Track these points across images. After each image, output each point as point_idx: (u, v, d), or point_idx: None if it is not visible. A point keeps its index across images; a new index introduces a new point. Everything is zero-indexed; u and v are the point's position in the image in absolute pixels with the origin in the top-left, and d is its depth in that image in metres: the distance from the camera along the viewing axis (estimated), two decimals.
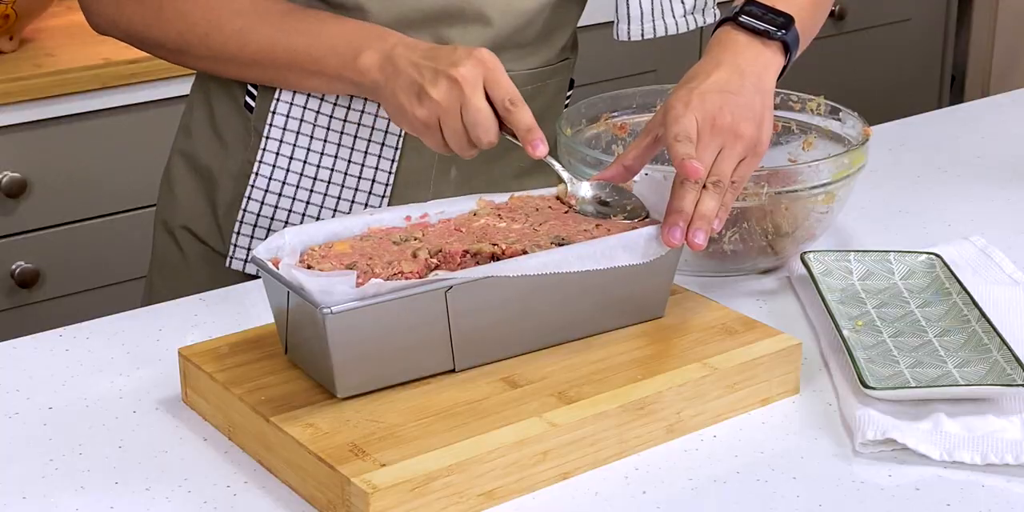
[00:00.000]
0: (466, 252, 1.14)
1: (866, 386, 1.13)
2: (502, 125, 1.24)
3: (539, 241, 1.16)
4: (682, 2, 1.42)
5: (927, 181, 1.65)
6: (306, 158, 1.41)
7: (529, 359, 1.15)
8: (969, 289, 1.30)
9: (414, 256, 1.13)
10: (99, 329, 1.30)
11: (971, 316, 1.24)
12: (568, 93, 1.54)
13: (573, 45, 1.51)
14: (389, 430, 1.05)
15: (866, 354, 1.20)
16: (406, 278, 1.10)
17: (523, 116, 1.23)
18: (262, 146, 1.41)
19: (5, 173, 2.16)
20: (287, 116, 1.40)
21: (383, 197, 1.41)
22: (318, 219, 1.42)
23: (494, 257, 1.14)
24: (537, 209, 1.23)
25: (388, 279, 1.09)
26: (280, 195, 1.42)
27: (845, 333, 1.21)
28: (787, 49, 1.32)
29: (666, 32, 1.43)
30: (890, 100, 3.19)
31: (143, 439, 1.12)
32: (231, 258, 1.46)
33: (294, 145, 1.41)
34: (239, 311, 1.34)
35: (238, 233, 1.45)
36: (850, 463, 1.10)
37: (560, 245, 1.15)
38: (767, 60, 1.31)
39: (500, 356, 1.15)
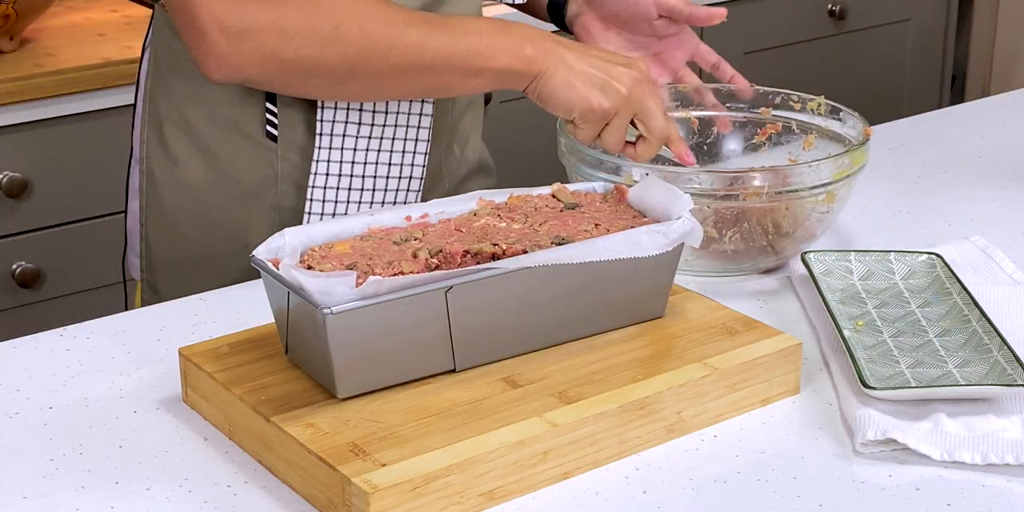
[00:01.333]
0: (466, 252, 1.14)
1: (867, 386, 1.13)
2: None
3: (539, 241, 1.16)
4: None
5: (927, 181, 1.65)
6: (356, 145, 1.41)
7: (529, 359, 1.15)
8: (970, 289, 1.30)
9: (414, 256, 1.13)
10: (99, 329, 1.30)
11: (972, 316, 1.24)
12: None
13: None
14: (389, 430, 1.05)
15: (866, 354, 1.20)
16: None
17: (675, 128, 1.36)
18: (317, 145, 1.40)
19: (5, 173, 2.16)
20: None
21: (418, 192, 1.45)
22: None
23: (494, 257, 1.14)
24: (536, 209, 1.23)
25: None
26: (337, 188, 1.42)
27: (845, 333, 1.21)
28: None
29: None
30: (890, 100, 3.19)
31: (143, 439, 1.12)
32: None
33: (344, 134, 1.41)
34: (239, 311, 1.34)
35: None
36: (850, 463, 1.10)
37: (560, 245, 1.15)
38: None
39: (500, 356, 1.15)
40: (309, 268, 1.10)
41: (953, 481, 1.07)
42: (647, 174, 1.30)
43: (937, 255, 1.35)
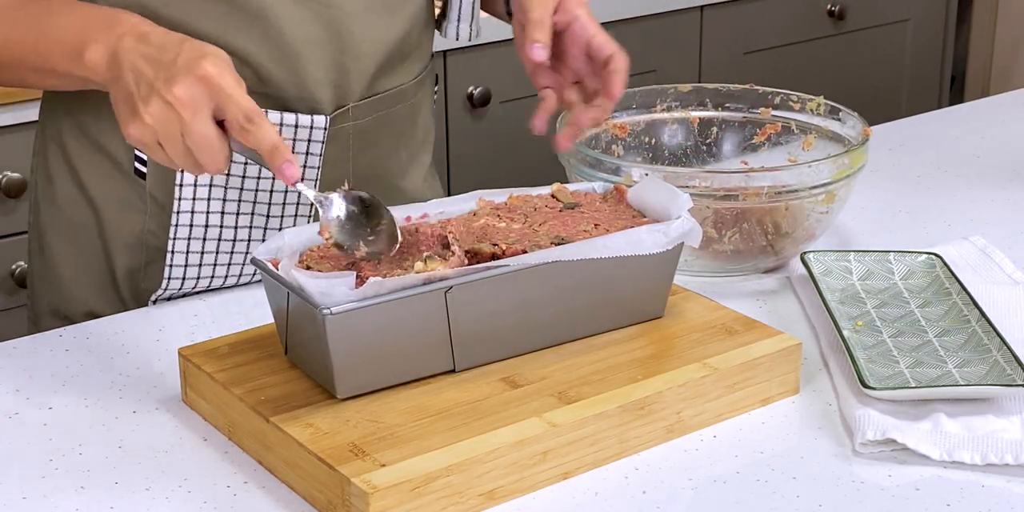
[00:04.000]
0: (466, 252, 1.14)
1: (866, 386, 1.13)
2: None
3: (539, 241, 1.16)
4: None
5: (927, 181, 1.65)
6: (223, 209, 1.33)
7: (529, 359, 1.15)
8: (969, 289, 1.30)
9: None
10: (99, 329, 1.30)
11: (971, 316, 1.24)
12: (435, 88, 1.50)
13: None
14: (389, 430, 1.05)
15: (866, 354, 1.20)
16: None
17: (264, 134, 1.08)
18: (176, 209, 1.31)
19: (5, 173, 2.16)
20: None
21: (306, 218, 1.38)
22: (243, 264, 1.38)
23: (494, 257, 1.14)
24: (536, 209, 1.23)
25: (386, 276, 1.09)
26: (202, 252, 1.35)
27: (845, 333, 1.21)
28: None
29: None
30: (890, 100, 3.19)
31: (143, 439, 1.12)
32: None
33: (208, 198, 1.32)
34: (239, 311, 1.34)
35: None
36: (850, 463, 1.10)
37: (560, 245, 1.15)
38: None
39: (500, 356, 1.15)
40: (308, 268, 1.10)
41: (953, 481, 1.07)
42: (647, 174, 1.30)
43: (937, 255, 1.35)
